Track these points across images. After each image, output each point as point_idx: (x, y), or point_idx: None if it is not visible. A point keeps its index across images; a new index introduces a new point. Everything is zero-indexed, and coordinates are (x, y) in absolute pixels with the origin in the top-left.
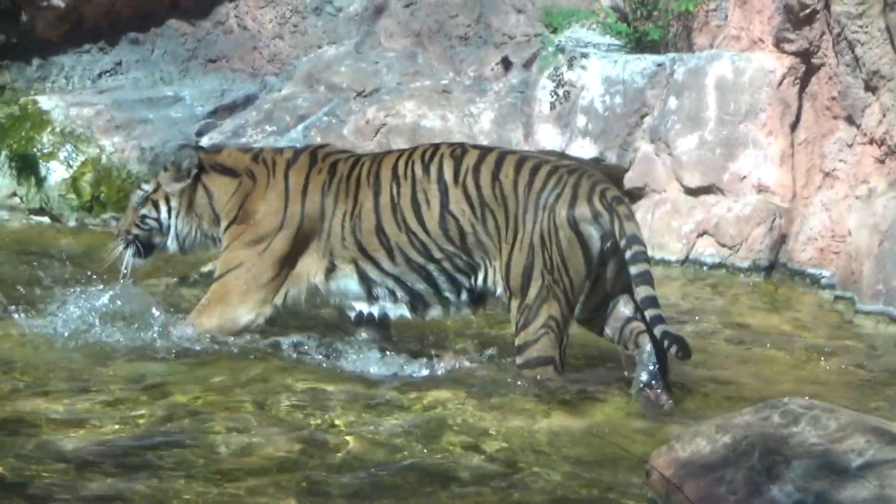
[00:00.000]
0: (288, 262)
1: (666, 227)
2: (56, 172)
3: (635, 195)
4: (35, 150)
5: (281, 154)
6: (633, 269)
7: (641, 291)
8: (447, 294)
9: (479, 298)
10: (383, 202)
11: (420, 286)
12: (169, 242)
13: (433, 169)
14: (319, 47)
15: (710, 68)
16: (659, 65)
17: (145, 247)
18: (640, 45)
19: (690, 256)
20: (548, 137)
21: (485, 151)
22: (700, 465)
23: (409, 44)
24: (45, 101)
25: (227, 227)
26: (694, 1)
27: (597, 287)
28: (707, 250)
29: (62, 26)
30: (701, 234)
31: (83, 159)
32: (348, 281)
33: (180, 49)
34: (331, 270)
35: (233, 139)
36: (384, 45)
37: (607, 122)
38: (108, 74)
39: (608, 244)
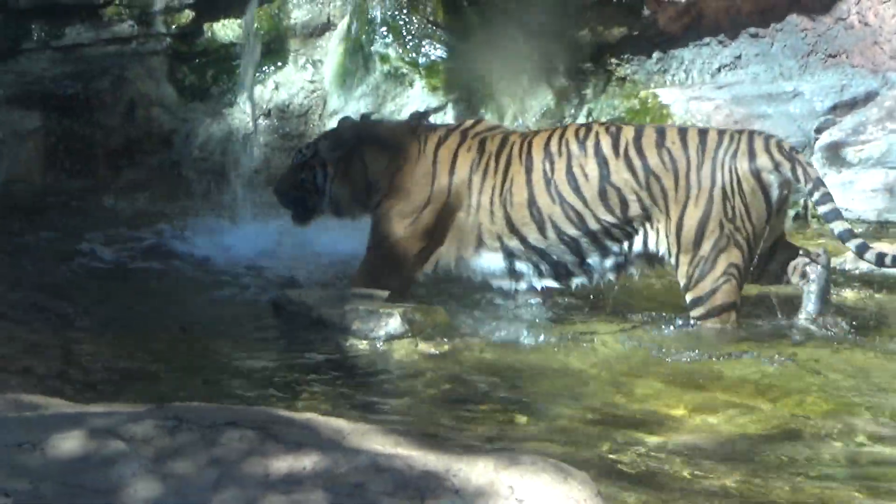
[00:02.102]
0: (436, 235)
1: None
2: None
3: None
4: None
5: (434, 131)
6: (823, 209)
7: (837, 226)
8: (592, 262)
9: (624, 264)
10: (535, 177)
11: (568, 257)
12: (325, 206)
13: (589, 144)
14: None
15: None
16: None
17: (303, 208)
18: None
19: None
20: None
21: (640, 126)
22: None
23: None
24: (665, 95)
25: (379, 201)
26: None
27: (769, 236)
28: None
29: (683, 20)
30: None
31: None
32: (493, 257)
33: (800, 44)
34: (477, 246)
35: (852, 136)
36: None
37: None
38: (726, 69)
39: (785, 191)
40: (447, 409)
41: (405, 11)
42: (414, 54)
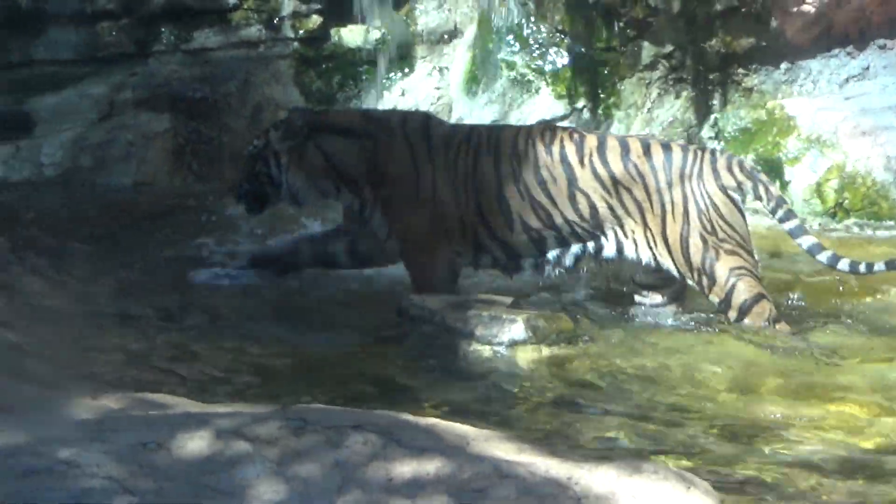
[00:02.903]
0: (442, 210)
1: None
2: (800, 177)
3: None
4: (780, 154)
5: (389, 118)
6: (789, 225)
7: (805, 241)
8: (551, 257)
9: (579, 261)
10: (505, 171)
11: (529, 250)
12: (282, 195)
13: (555, 150)
14: None
15: None
16: None
17: (258, 200)
18: None
19: None
20: None
21: (602, 136)
22: None
23: None
24: (791, 106)
25: (373, 192)
26: None
27: None
28: None
29: (811, 31)
30: None
31: (828, 165)
32: (466, 245)
33: None
34: (462, 231)
35: None
36: None
37: None
38: (854, 79)
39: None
40: (569, 416)
41: (532, 19)
42: (540, 62)
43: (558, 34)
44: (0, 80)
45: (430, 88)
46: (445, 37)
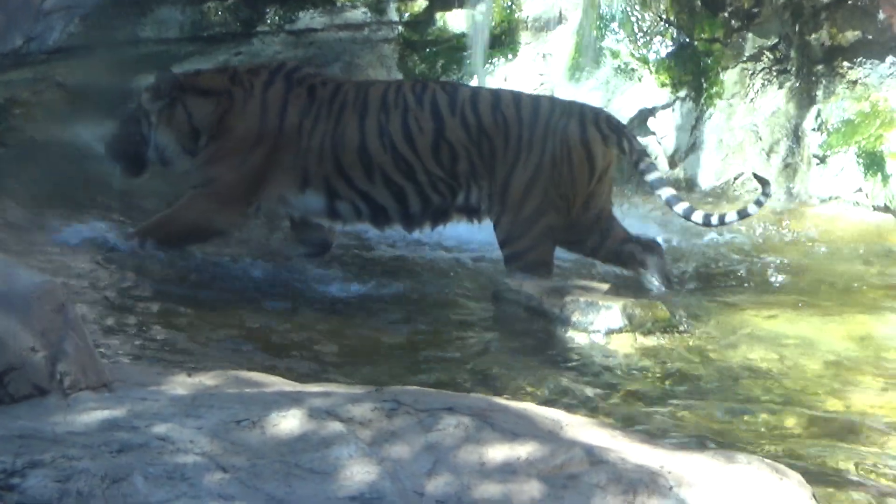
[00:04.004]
0: (263, 175)
1: None
2: None
3: None
4: (883, 147)
5: (257, 75)
6: (650, 177)
7: (664, 192)
8: (413, 211)
9: (442, 216)
10: (370, 125)
11: (389, 203)
12: (149, 154)
13: (426, 100)
14: None
15: None
16: None
17: (132, 160)
18: None
19: None
20: None
21: (477, 88)
22: None
23: None
24: (894, 99)
25: (207, 143)
26: None
27: (590, 205)
28: None
29: None
30: None
31: None
32: (316, 196)
33: None
34: (302, 186)
35: None
36: None
37: None
38: None
39: (608, 162)
40: (663, 405)
41: (637, 7)
42: (644, 50)
43: (663, 23)
44: (107, 59)
45: (534, 74)
46: (550, 23)
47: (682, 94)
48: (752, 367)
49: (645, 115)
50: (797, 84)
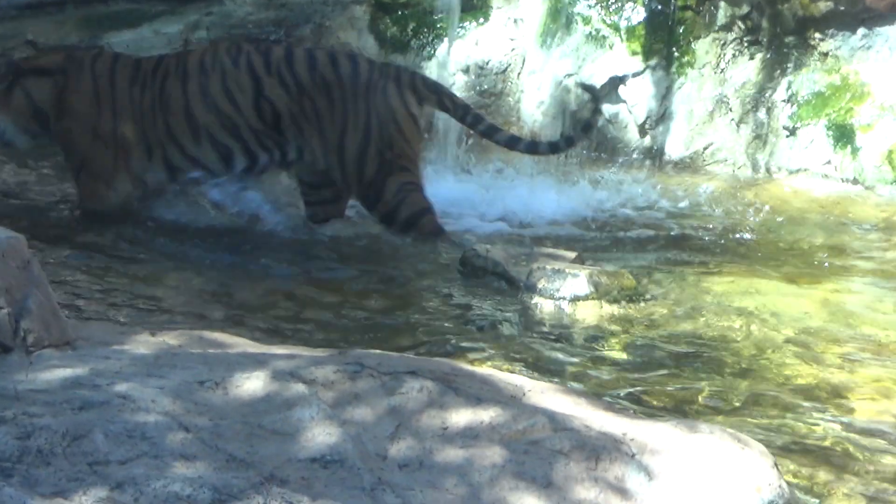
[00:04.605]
0: (123, 147)
1: None
2: (872, 145)
3: None
4: (853, 120)
5: (87, 52)
6: (480, 128)
7: (500, 137)
8: (240, 168)
9: (264, 170)
10: (192, 89)
11: (217, 165)
12: None
13: (242, 61)
14: None
15: None
16: None
17: None
18: None
19: None
20: None
21: (290, 47)
22: None
23: None
24: (866, 72)
25: (56, 123)
26: None
27: None
28: None
29: None
30: None
31: None
32: (158, 167)
33: None
34: (148, 156)
35: None
36: None
37: None
38: None
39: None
40: (627, 373)
41: None
42: (616, 17)
43: None
44: (77, 17)
45: (505, 39)
46: None
47: (652, 62)
48: (716, 335)
49: (616, 82)
50: (768, 55)
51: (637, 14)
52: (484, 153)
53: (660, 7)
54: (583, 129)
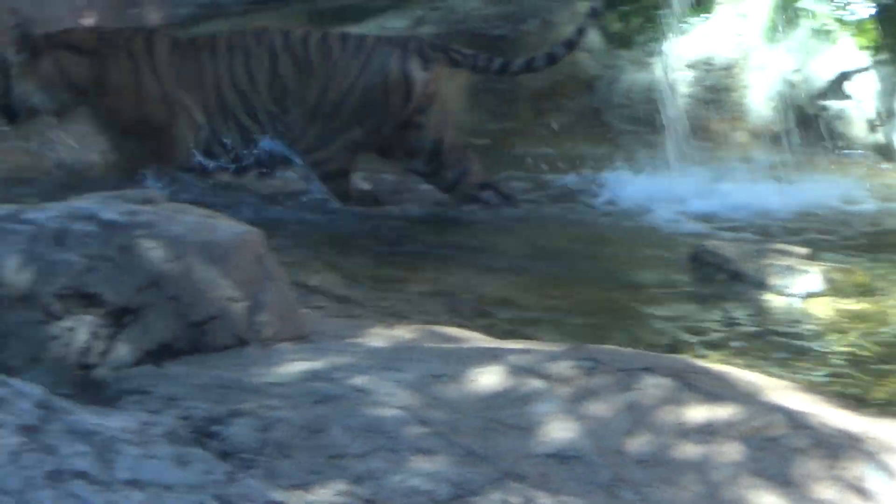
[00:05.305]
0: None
1: None
2: None
3: None
4: None
5: (120, 32)
6: (494, 66)
7: (516, 65)
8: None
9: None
10: (223, 68)
11: (237, 138)
12: (15, 106)
13: (264, 41)
14: None
15: None
16: None
17: (4, 111)
18: None
19: None
20: None
21: (310, 29)
22: None
23: None
24: None
25: (100, 102)
26: None
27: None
28: None
29: None
30: None
31: None
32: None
33: None
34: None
35: None
36: None
37: None
38: None
39: (432, 88)
40: (864, 370)
41: None
42: (842, 12)
43: None
44: (303, 11)
45: (730, 34)
46: None
47: (882, 57)
48: None
49: (841, 78)
50: None
51: (865, 8)
52: (710, 148)
53: (891, 1)
54: (578, 33)
